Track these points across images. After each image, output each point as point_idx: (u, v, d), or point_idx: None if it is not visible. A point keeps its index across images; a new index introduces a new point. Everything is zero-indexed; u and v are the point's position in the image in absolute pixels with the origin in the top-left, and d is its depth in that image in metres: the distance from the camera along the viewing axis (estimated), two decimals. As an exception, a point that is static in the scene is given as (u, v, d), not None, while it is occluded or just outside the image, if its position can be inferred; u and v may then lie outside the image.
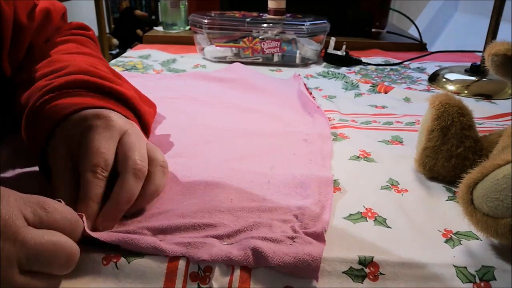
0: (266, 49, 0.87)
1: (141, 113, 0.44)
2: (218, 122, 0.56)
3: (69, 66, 0.43)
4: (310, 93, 0.69)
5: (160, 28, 1.17)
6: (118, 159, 0.36)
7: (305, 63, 0.90)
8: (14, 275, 0.25)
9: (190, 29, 1.06)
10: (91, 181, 0.33)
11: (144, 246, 0.31)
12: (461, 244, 0.34)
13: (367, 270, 0.31)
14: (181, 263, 0.30)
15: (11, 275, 0.25)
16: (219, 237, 0.33)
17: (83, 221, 0.31)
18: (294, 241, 0.32)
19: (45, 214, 0.28)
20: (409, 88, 0.75)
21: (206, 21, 0.88)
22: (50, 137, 0.37)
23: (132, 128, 0.38)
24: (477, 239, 0.34)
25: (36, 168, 0.41)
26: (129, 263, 0.30)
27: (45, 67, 0.44)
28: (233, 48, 0.90)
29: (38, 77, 0.43)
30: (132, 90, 0.46)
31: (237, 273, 0.30)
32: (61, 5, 0.55)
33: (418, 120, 0.59)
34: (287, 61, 0.89)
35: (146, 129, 0.46)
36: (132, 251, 0.31)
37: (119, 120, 0.38)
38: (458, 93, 0.73)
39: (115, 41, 3.35)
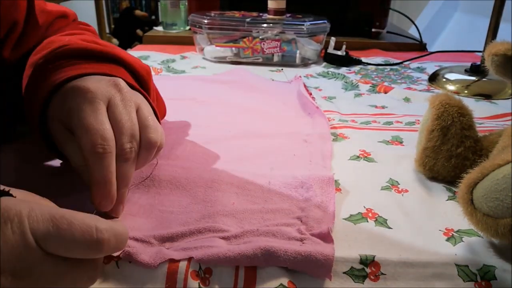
0: (266, 49, 0.87)
1: (135, 67, 0.42)
2: (217, 123, 0.56)
3: (64, 44, 0.42)
4: (310, 94, 0.69)
5: (160, 28, 1.17)
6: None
7: (305, 63, 0.90)
8: None
9: (190, 29, 1.06)
10: (95, 163, 0.32)
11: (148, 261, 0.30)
12: (463, 241, 0.34)
13: (368, 270, 0.31)
14: (182, 263, 0.30)
15: None
16: (226, 238, 0.33)
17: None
18: (303, 243, 0.32)
19: (58, 236, 0.24)
20: (409, 88, 0.75)
21: (206, 21, 0.88)
22: (44, 113, 0.37)
23: (117, 92, 0.36)
24: (479, 236, 0.34)
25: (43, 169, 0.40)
26: (130, 262, 0.30)
27: (45, 48, 0.43)
28: (233, 48, 0.90)
29: (36, 58, 0.42)
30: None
31: (242, 273, 0.30)
32: (73, 11, 0.56)
33: (418, 120, 0.59)
34: (287, 61, 0.89)
35: (142, 82, 0.43)
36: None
37: (98, 85, 0.35)
38: (458, 93, 0.73)
39: (115, 41, 3.35)
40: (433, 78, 0.79)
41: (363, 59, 0.92)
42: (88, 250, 0.25)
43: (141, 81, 0.43)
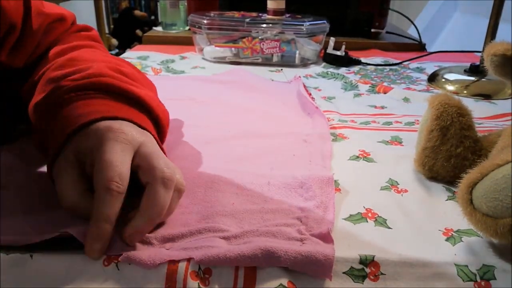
0: (265, 49, 0.87)
1: (159, 117, 0.42)
2: (217, 123, 0.56)
3: (91, 67, 0.41)
4: (310, 94, 0.69)
5: (159, 28, 1.17)
6: (142, 171, 0.33)
7: (304, 63, 0.90)
8: None
9: (189, 29, 1.06)
10: (104, 199, 0.31)
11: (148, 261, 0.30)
12: (462, 241, 0.34)
13: (367, 270, 0.31)
14: (181, 265, 0.30)
15: None
16: (226, 238, 0.33)
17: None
18: (303, 243, 0.32)
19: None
20: (409, 88, 0.75)
21: (205, 21, 0.88)
22: (65, 144, 0.36)
23: (148, 138, 0.36)
24: (478, 236, 0.34)
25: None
26: (129, 264, 0.30)
27: (67, 66, 0.43)
28: (233, 49, 0.90)
29: (58, 75, 0.41)
30: (151, 91, 0.45)
31: (241, 273, 0.30)
32: (72, 13, 0.55)
33: (418, 120, 0.59)
34: (286, 61, 0.89)
35: (162, 133, 0.43)
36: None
37: (132, 131, 0.35)
38: (457, 93, 0.73)
39: (114, 41, 3.35)
40: (433, 78, 0.79)
41: (363, 59, 0.92)
42: None
43: (160, 127, 0.43)
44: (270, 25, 0.87)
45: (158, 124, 0.42)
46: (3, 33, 0.43)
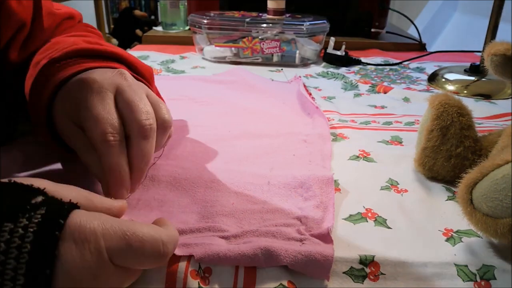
0: (265, 49, 0.87)
1: (137, 66, 0.42)
2: (217, 123, 0.56)
3: (71, 45, 0.42)
4: (310, 94, 0.69)
5: (159, 28, 1.17)
6: (124, 123, 0.34)
7: (304, 63, 0.90)
8: None
9: (189, 29, 1.06)
10: (107, 152, 0.32)
11: None
12: (462, 242, 0.34)
13: (367, 270, 0.31)
14: (181, 264, 0.30)
15: None
16: (225, 238, 0.33)
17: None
18: (303, 243, 0.32)
19: (131, 251, 0.25)
20: (409, 88, 0.75)
21: (205, 21, 0.88)
22: (51, 109, 0.37)
23: (124, 80, 0.36)
24: (478, 236, 0.34)
25: (48, 168, 0.40)
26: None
27: (50, 48, 0.44)
28: (233, 48, 0.90)
29: (41, 57, 0.42)
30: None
31: (242, 273, 0.30)
32: (79, 12, 0.56)
33: (418, 120, 0.59)
34: (286, 61, 0.89)
35: (148, 82, 0.43)
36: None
37: (104, 76, 0.35)
38: (457, 93, 0.73)
39: (114, 41, 3.35)
40: (433, 78, 0.79)
41: (363, 59, 0.92)
42: (154, 263, 0.27)
43: (143, 81, 0.43)
44: (270, 25, 0.87)
45: (137, 71, 0.42)
46: (14, 31, 0.43)
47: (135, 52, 0.96)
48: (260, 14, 0.93)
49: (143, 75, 0.43)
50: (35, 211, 0.23)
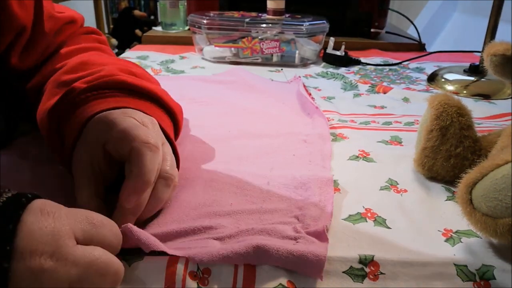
0: (265, 49, 0.87)
1: (171, 108, 0.44)
2: (217, 123, 0.56)
3: (103, 70, 0.42)
4: (309, 94, 0.69)
5: (159, 28, 1.17)
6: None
7: (304, 63, 0.90)
8: None
9: (189, 29, 1.06)
10: (143, 154, 0.33)
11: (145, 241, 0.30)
12: (462, 242, 0.34)
13: (367, 270, 0.31)
14: (180, 265, 0.30)
15: None
16: (220, 239, 0.33)
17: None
18: (297, 242, 0.32)
19: (94, 230, 0.27)
20: (408, 88, 0.75)
21: (205, 21, 0.88)
22: (79, 137, 0.37)
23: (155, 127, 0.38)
24: (477, 237, 0.34)
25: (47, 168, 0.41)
26: (129, 266, 0.30)
27: (79, 69, 0.44)
28: (232, 49, 0.90)
29: (71, 78, 0.42)
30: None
31: (241, 273, 0.30)
32: (81, 15, 0.56)
33: (417, 120, 0.59)
34: (286, 61, 0.89)
35: (177, 126, 0.45)
36: (131, 254, 0.31)
37: (142, 118, 0.37)
38: (457, 93, 0.73)
39: (114, 41, 3.35)
40: (432, 78, 0.79)
41: (362, 59, 0.92)
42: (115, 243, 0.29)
43: (173, 118, 0.45)
44: (270, 25, 0.87)
45: (171, 114, 0.44)
46: (14, 35, 0.43)
47: (135, 52, 0.96)
48: (260, 14, 0.93)
49: (174, 112, 0.44)
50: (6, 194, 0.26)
